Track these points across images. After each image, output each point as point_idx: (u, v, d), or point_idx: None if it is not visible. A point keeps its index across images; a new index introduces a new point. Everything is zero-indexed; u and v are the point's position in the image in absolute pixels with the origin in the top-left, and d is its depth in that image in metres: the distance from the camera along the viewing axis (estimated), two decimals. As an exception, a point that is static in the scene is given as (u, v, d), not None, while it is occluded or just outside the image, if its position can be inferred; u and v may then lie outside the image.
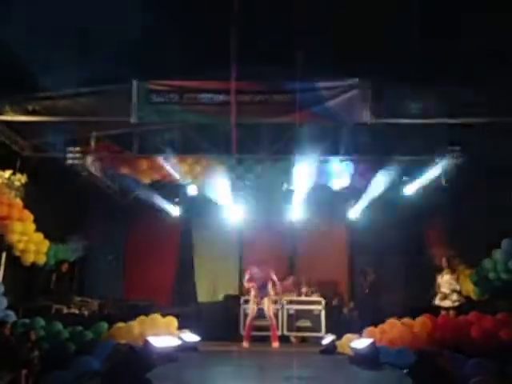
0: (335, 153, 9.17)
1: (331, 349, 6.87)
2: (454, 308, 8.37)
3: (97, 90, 7.64)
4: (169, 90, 7.70)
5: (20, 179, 7.99)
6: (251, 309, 8.80)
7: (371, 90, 7.52)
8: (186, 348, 5.99)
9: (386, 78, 7.56)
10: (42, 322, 6.70)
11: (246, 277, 9.05)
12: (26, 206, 8.18)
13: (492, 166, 8.50)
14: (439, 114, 7.67)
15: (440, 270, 9.09)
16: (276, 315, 9.30)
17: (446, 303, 8.47)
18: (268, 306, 8.74)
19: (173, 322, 7.34)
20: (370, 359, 5.10)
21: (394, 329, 7.05)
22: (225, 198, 10.02)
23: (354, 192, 10.22)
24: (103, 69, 6.80)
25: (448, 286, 8.56)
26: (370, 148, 8.99)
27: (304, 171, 9.73)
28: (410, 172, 9.84)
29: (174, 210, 10.98)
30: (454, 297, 8.47)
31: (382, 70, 7.50)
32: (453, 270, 8.87)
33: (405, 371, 2.83)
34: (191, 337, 6.68)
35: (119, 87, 7.60)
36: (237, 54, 7.61)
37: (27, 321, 6.65)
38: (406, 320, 7.30)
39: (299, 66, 7.91)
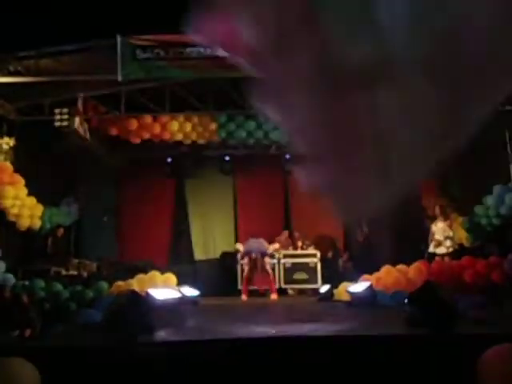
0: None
1: (328, 296, 7.02)
2: (448, 254, 8.53)
3: (80, 47, 7.41)
4: (154, 45, 7.47)
5: (8, 143, 7.85)
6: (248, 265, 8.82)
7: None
8: (185, 301, 6.08)
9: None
10: (41, 283, 6.73)
11: (241, 249, 9.00)
12: (15, 170, 8.09)
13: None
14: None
15: (433, 219, 9.20)
16: (273, 269, 9.43)
17: (441, 250, 8.62)
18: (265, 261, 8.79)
19: (172, 278, 7.41)
20: (368, 301, 5.22)
21: (389, 275, 7.19)
22: (217, 155, 9.97)
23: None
24: (86, 23, 6.56)
25: (442, 233, 8.69)
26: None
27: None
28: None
29: (166, 169, 10.93)
30: (448, 243, 8.62)
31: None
32: (446, 218, 8.98)
33: (405, 300, 2.90)
34: (191, 291, 6.78)
35: (103, 44, 7.38)
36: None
37: (27, 283, 6.68)
38: (401, 267, 7.44)
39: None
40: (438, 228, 8.76)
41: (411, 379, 2.60)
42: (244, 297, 8.63)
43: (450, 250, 8.58)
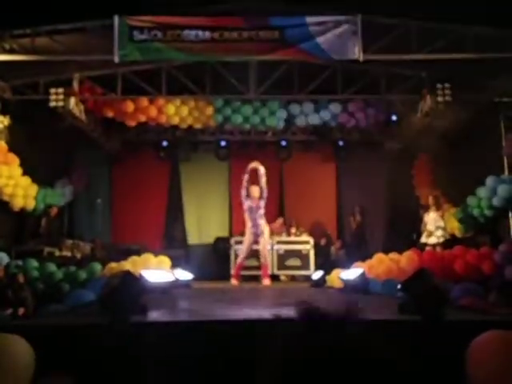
0: (324, 91, 9.07)
1: (321, 283, 7.09)
2: (439, 244, 8.60)
3: (76, 26, 7.32)
4: (152, 27, 7.39)
5: (3, 121, 7.78)
6: (247, 242, 8.59)
7: (362, 26, 7.30)
8: (178, 285, 6.11)
9: (375, 11, 7.35)
10: (35, 263, 6.74)
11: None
12: (10, 150, 8.03)
13: (478, 105, 8.51)
14: (429, 50, 7.51)
15: (427, 209, 9.26)
16: (267, 254, 9.41)
17: (432, 240, 8.69)
18: (263, 245, 8.76)
19: (165, 261, 7.43)
20: (360, 288, 5.28)
21: (381, 263, 7.25)
22: (212, 140, 9.94)
23: (342, 132, 10.22)
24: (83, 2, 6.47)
25: (434, 224, 8.76)
26: (358, 86, 8.89)
27: (293, 111, 9.65)
28: (398, 111, 9.83)
29: (162, 153, 10.91)
30: (439, 233, 8.69)
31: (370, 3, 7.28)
32: (438, 208, 9.04)
33: (398, 286, 2.93)
34: (184, 274, 6.81)
35: (100, 24, 7.29)
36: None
37: (20, 262, 6.68)
38: (393, 255, 7.49)
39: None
40: (430, 218, 8.83)
41: (401, 365, 2.64)
42: (234, 281, 8.60)
43: (441, 240, 8.65)
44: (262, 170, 8.47)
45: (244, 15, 7.52)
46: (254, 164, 8.57)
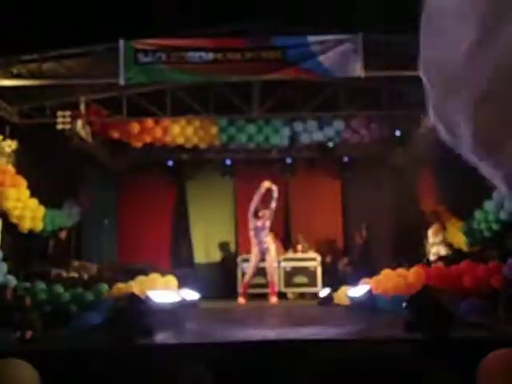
0: (327, 108, 9.14)
1: (328, 300, 7.05)
2: (440, 259, 8.55)
3: (82, 51, 7.47)
4: (156, 50, 7.53)
5: (10, 145, 7.89)
6: (254, 260, 8.61)
7: (363, 43, 7.40)
8: (185, 304, 6.11)
9: (375, 29, 7.45)
10: (42, 285, 6.75)
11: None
12: (18, 173, 8.12)
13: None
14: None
15: (430, 224, 9.23)
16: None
17: (433, 255, 8.68)
18: (270, 262, 8.75)
19: (172, 281, 7.42)
20: (366, 306, 5.25)
21: (388, 279, 7.20)
22: (218, 159, 10.00)
23: (347, 148, 10.26)
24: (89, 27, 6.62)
25: (433, 238, 8.76)
26: (362, 103, 8.95)
27: (297, 129, 9.72)
28: (403, 127, 9.86)
29: (168, 173, 10.98)
30: (434, 249, 8.68)
31: (370, 21, 7.39)
32: (439, 223, 9.02)
33: (403, 304, 2.91)
34: (191, 294, 6.81)
35: (105, 48, 7.44)
36: (225, 10, 7.46)
37: (28, 285, 6.69)
38: (401, 270, 7.45)
39: (288, 20, 7.78)
40: (431, 233, 8.85)
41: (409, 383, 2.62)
42: (241, 299, 8.59)
43: (436, 256, 8.63)
44: (275, 191, 8.48)
45: (246, 36, 7.65)
46: (268, 184, 8.60)
